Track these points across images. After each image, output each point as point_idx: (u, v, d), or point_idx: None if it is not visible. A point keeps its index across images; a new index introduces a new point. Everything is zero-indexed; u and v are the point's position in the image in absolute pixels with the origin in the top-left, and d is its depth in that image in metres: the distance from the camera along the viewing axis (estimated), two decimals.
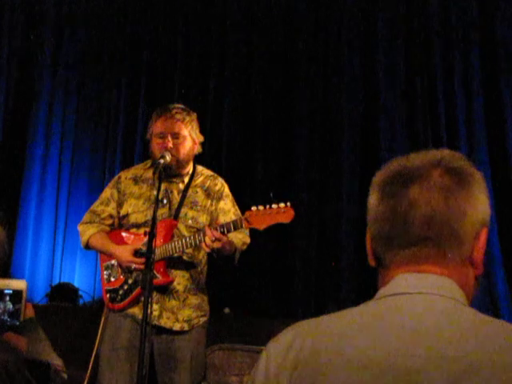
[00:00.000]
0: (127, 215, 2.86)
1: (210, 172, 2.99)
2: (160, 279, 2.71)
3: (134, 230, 2.85)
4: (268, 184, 4.96)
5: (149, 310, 2.26)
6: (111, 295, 2.80)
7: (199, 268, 2.86)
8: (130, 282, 2.79)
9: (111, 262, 2.85)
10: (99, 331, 2.75)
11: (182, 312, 2.77)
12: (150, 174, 2.87)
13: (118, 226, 2.92)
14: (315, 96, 5.23)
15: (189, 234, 2.74)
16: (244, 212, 2.67)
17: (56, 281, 5.15)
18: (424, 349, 0.87)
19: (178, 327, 2.76)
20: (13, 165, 5.32)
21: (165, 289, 2.76)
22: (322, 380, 0.89)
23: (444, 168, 0.97)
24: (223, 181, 2.97)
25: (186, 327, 2.77)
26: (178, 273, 2.78)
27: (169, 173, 2.78)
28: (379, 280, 1.00)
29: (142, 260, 2.64)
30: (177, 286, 2.77)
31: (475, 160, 4.78)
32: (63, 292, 4.86)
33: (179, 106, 2.89)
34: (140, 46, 5.60)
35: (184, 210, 2.83)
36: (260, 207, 2.59)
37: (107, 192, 2.96)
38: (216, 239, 2.57)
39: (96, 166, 5.46)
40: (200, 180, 2.92)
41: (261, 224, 2.59)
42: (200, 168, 2.97)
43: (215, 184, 2.92)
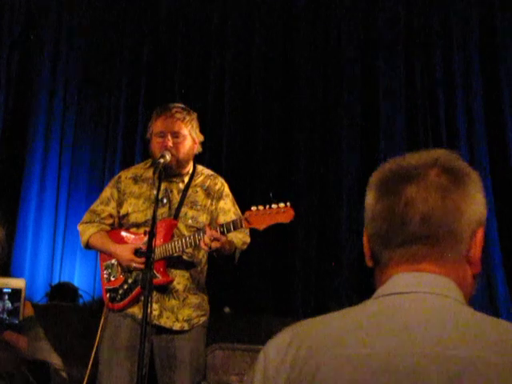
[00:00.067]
0: (127, 215, 2.86)
1: (210, 171, 2.98)
2: (160, 279, 2.71)
3: (134, 230, 2.85)
4: (268, 184, 4.96)
5: (148, 310, 2.26)
6: (111, 295, 2.80)
7: (199, 267, 2.85)
8: (130, 282, 2.79)
9: (111, 262, 2.85)
10: (99, 331, 2.75)
11: (182, 311, 2.77)
12: (150, 174, 2.86)
13: (118, 226, 2.91)
14: (315, 96, 5.23)
15: (189, 234, 2.74)
16: (244, 212, 2.67)
17: (56, 280, 5.15)
18: (422, 348, 0.87)
19: (178, 327, 2.75)
20: (13, 165, 5.32)
21: (165, 288, 2.75)
22: (320, 380, 0.89)
23: (440, 168, 0.97)
24: (223, 180, 2.96)
25: (186, 327, 2.77)
26: (178, 272, 2.78)
27: (169, 172, 2.77)
28: (376, 279, 1.00)
29: (142, 259, 2.64)
30: (177, 286, 2.77)
31: (475, 160, 4.79)
32: (63, 291, 4.86)
33: (179, 106, 2.89)
34: (140, 47, 5.61)
35: (184, 210, 2.82)
36: (260, 207, 2.59)
37: (107, 191, 2.95)
38: (214, 239, 2.57)
39: (96, 166, 5.46)
40: (200, 179, 2.91)
41: (260, 224, 2.59)
42: (200, 167, 2.97)
43: (215, 183, 2.91)
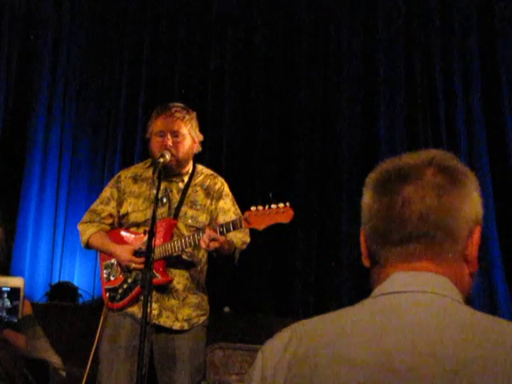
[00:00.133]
0: (127, 214, 2.86)
1: (210, 171, 2.98)
2: (159, 278, 2.71)
3: (134, 229, 2.84)
4: (268, 184, 4.96)
5: (148, 309, 2.26)
6: (111, 294, 2.80)
7: (199, 267, 2.85)
8: (130, 281, 2.79)
9: (111, 261, 2.85)
10: (98, 330, 2.74)
11: (182, 311, 2.76)
12: (150, 173, 2.86)
13: (118, 225, 2.91)
14: (315, 96, 5.23)
15: (188, 234, 2.73)
16: (244, 212, 2.66)
17: (56, 280, 5.15)
18: (420, 347, 0.87)
19: (178, 326, 2.75)
20: (13, 164, 5.32)
21: (164, 288, 2.75)
22: (318, 379, 0.89)
23: (437, 167, 0.98)
24: (223, 180, 2.95)
25: (186, 326, 2.76)
26: (178, 272, 2.78)
27: (168, 172, 2.77)
28: (373, 279, 1.01)
29: (141, 260, 2.65)
30: (176, 285, 2.77)
31: (475, 160, 4.79)
32: (63, 291, 4.87)
33: (179, 105, 2.88)
34: (140, 47, 5.61)
35: (184, 209, 2.82)
36: (259, 207, 2.58)
37: (107, 191, 2.95)
38: (213, 239, 2.56)
39: (96, 166, 5.47)
40: (200, 179, 2.91)
41: (260, 224, 2.59)
42: (200, 167, 2.96)
43: (215, 183, 2.91)
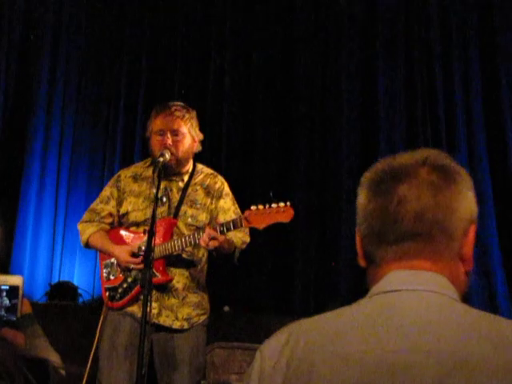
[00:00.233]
0: (127, 213, 2.85)
1: (210, 170, 2.97)
2: (159, 278, 2.71)
3: (134, 229, 2.84)
4: (268, 184, 4.96)
5: (148, 309, 2.26)
6: (110, 293, 2.80)
7: (199, 266, 2.84)
8: (130, 281, 2.79)
9: (111, 261, 2.85)
10: (98, 329, 2.74)
11: (182, 310, 2.76)
12: (150, 173, 2.85)
13: (118, 224, 2.91)
14: (315, 96, 5.23)
15: (188, 233, 2.73)
16: (244, 211, 2.66)
17: (55, 279, 5.15)
18: (418, 345, 0.87)
19: (178, 325, 2.74)
20: (12, 163, 5.32)
21: (164, 287, 2.74)
22: (317, 378, 0.89)
23: (431, 166, 0.98)
24: (223, 179, 2.95)
25: (186, 325, 2.76)
26: (178, 271, 2.77)
27: (168, 171, 2.76)
28: (369, 278, 1.01)
29: (140, 260, 2.65)
30: (176, 285, 2.76)
31: (475, 160, 4.79)
32: (63, 290, 4.87)
33: (179, 104, 2.87)
34: (140, 47, 5.61)
35: (184, 209, 2.81)
36: (260, 206, 2.58)
37: (107, 190, 2.95)
38: (213, 238, 2.56)
39: (95, 166, 5.47)
40: (200, 178, 2.91)
41: (260, 223, 2.59)
42: (200, 166, 2.96)
43: (215, 182, 2.90)
